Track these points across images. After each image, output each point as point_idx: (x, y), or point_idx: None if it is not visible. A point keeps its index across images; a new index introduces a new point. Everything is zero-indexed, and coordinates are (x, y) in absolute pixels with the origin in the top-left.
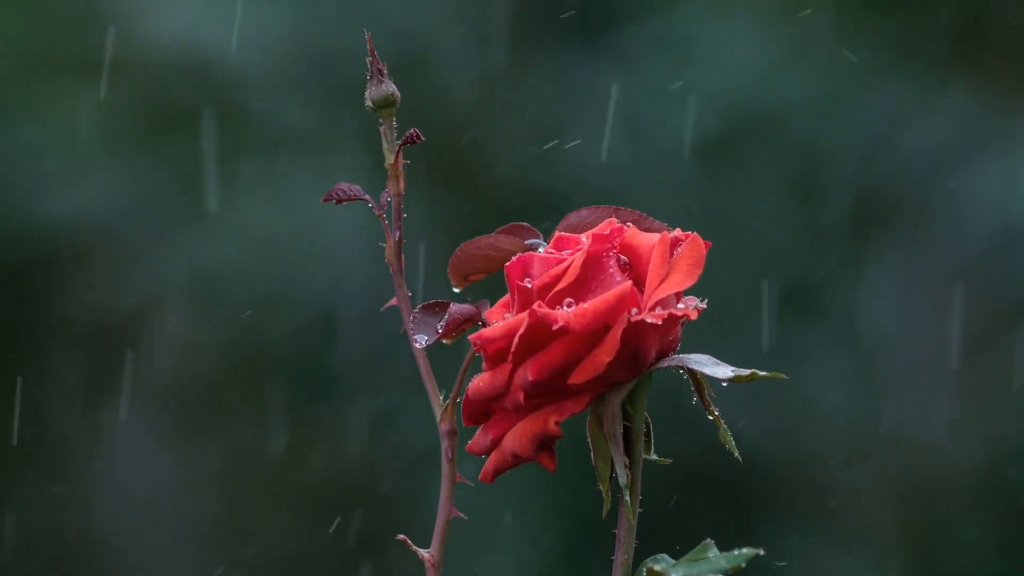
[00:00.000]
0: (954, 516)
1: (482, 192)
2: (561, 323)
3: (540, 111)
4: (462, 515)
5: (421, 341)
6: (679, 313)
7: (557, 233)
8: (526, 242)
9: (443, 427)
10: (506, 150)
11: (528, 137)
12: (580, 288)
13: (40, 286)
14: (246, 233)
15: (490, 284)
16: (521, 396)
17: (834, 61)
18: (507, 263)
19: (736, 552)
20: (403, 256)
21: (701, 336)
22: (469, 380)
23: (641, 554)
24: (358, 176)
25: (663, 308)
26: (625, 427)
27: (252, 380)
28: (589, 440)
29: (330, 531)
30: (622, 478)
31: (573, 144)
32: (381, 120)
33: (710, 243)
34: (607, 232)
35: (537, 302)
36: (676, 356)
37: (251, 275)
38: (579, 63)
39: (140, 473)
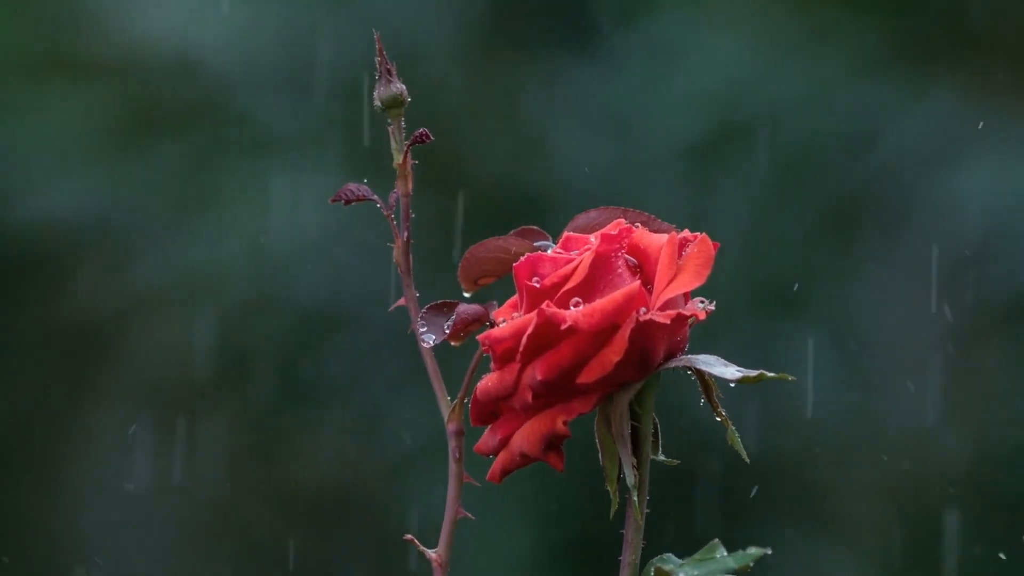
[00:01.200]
0: (948, 513)
1: (470, 193)
2: (569, 323)
3: (529, 112)
4: (469, 515)
5: (429, 341)
6: (687, 313)
7: (566, 234)
8: (535, 244)
9: (450, 427)
10: (494, 151)
11: (516, 138)
12: (588, 288)
13: (26, 287)
14: (235, 233)
15: (497, 284)
16: (529, 396)
17: (821, 61)
18: (516, 263)
19: (743, 552)
20: (411, 256)
21: (693, 336)
22: (477, 380)
23: (647, 554)
24: (348, 176)
25: (671, 308)
26: (633, 427)
27: (243, 381)
28: (597, 440)
29: (331, 532)
30: (630, 478)
31: (562, 145)
32: (389, 120)
33: (719, 244)
34: (616, 232)
35: (546, 301)
36: (684, 356)
37: (240, 275)
38: (568, 64)
39: (130, 475)
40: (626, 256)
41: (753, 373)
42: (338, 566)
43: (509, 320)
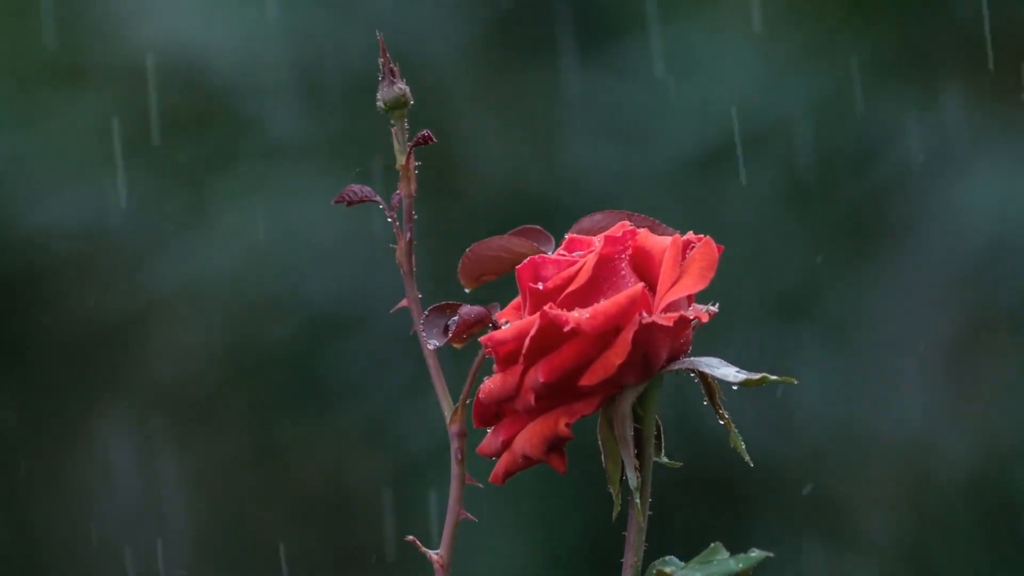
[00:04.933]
0: (950, 518)
1: (474, 196)
2: (572, 325)
3: (536, 116)
4: (471, 517)
5: (432, 343)
6: (690, 316)
7: (569, 235)
8: (536, 244)
9: (453, 429)
10: (500, 155)
11: (523, 142)
12: (592, 290)
13: (33, 294)
14: (240, 239)
15: (500, 286)
16: (532, 398)
17: (829, 71)
18: (519, 265)
19: (746, 555)
20: (414, 258)
21: (698, 342)
22: (479, 382)
23: (648, 556)
24: (354, 179)
25: (674, 311)
26: (635, 429)
27: (249, 385)
28: (600, 442)
29: (335, 534)
30: (632, 480)
31: (568, 150)
32: (392, 121)
33: (723, 247)
34: (620, 235)
35: (548, 304)
36: (687, 359)
37: (246, 280)
38: (575, 69)
39: (138, 480)
40: (630, 258)
41: (756, 376)
42: (342, 568)
43: (512, 322)
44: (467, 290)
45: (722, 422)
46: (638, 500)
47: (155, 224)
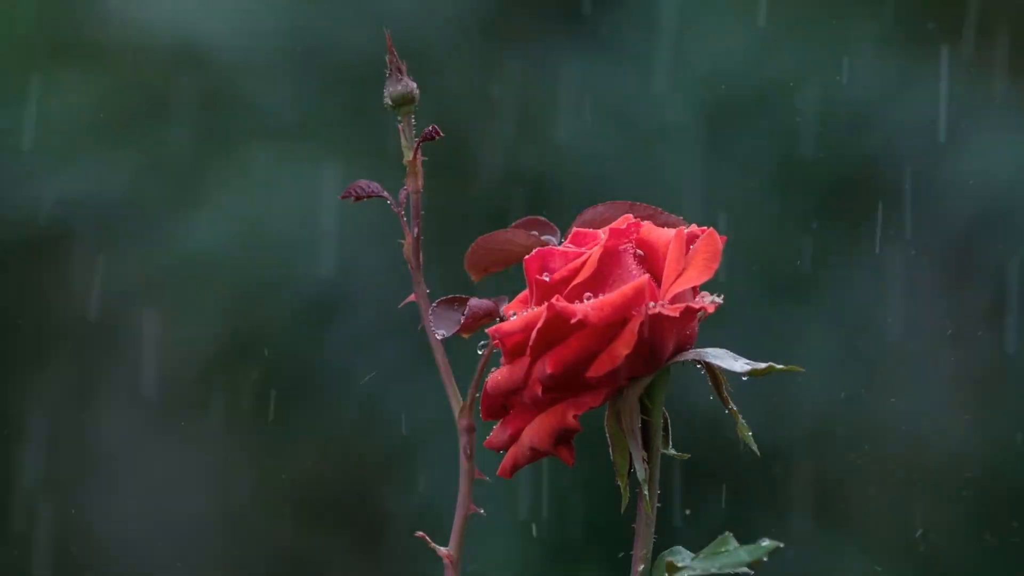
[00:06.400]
0: (958, 506)
1: (471, 182)
2: (579, 316)
3: (528, 99)
4: (480, 511)
5: (440, 335)
6: (696, 306)
7: (574, 228)
8: (543, 237)
9: (462, 423)
10: (498, 143)
11: (516, 125)
12: (598, 282)
13: (24, 275)
14: (236, 222)
15: (508, 278)
16: (539, 390)
17: (819, 42)
18: (526, 257)
19: (756, 545)
20: (421, 252)
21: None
22: (487, 375)
23: (657, 548)
24: (350, 165)
25: (680, 302)
26: (643, 421)
27: (244, 372)
28: (607, 435)
29: (337, 530)
30: (640, 472)
31: (567, 134)
32: (399, 118)
33: (726, 237)
34: (624, 227)
35: (555, 295)
36: (693, 350)
37: (241, 265)
38: (566, 50)
39: (131, 468)
40: (635, 250)
41: (762, 366)
42: (341, 566)
43: (519, 314)
44: (474, 281)
45: (728, 412)
46: (646, 492)
47: (150, 205)
